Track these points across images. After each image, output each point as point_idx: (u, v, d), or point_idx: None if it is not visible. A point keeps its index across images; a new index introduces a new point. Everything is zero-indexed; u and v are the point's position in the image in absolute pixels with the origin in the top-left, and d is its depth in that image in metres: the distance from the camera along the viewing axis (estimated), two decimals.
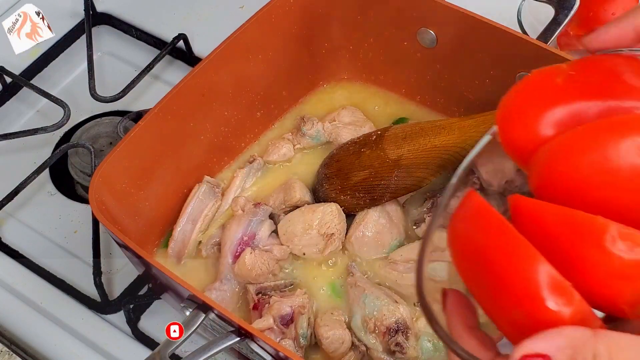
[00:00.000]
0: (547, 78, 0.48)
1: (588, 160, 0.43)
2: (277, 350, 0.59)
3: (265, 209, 0.78)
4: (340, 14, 0.85)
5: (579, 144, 0.44)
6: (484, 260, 0.43)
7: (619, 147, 0.42)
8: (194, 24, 1.01)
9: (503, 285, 0.42)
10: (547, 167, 0.45)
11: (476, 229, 0.45)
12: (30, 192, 0.88)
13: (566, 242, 0.42)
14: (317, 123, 0.84)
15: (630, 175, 0.42)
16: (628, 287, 0.41)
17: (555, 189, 0.44)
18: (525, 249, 0.42)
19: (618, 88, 0.47)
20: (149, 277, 0.73)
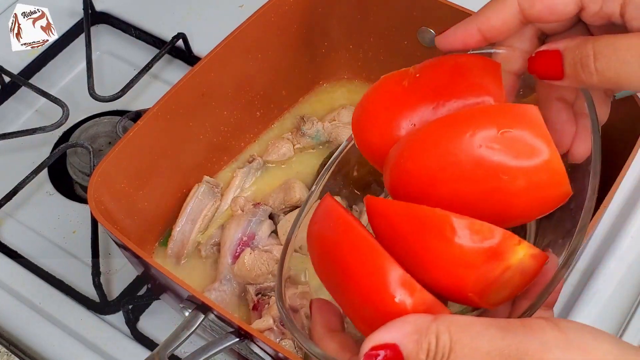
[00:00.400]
0: (395, 82, 0.51)
1: (431, 156, 0.45)
2: (276, 351, 0.59)
3: (265, 209, 0.78)
4: (340, 14, 0.84)
5: (423, 141, 0.46)
6: (336, 260, 0.45)
7: (456, 142, 0.44)
8: (193, 23, 1.01)
9: (353, 284, 0.44)
10: (396, 167, 0.47)
11: (329, 231, 0.47)
12: (28, 192, 0.88)
13: (413, 236, 0.43)
14: (316, 123, 0.84)
15: (472, 167, 0.43)
16: (471, 275, 0.42)
17: (406, 187, 0.46)
18: (370, 247, 0.44)
19: (460, 86, 0.48)
20: (148, 277, 0.73)
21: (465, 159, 0.43)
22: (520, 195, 0.43)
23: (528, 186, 0.43)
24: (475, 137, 0.43)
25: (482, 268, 0.42)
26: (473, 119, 0.44)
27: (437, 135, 0.45)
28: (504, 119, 0.44)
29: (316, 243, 0.48)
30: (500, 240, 0.42)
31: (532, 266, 0.43)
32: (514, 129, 0.43)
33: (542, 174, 0.43)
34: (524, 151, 0.43)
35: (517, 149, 0.43)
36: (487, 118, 0.44)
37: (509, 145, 0.43)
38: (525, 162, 0.43)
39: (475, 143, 0.43)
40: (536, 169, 0.43)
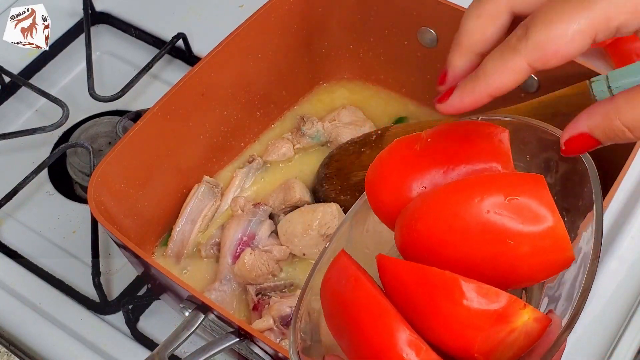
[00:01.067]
0: (407, 146, 0.53)
1: (441, 219, 0.47)
2: (276, 351, 0.59)
3: (265, 209, 0.78)
4: (340, 14, 0.84)
5: (433, 204, 0.47)
6: (348, 318, 0.47)
7: (465, 207, 0.46)
8: (194, 23, 1.01)
9: (364, 342, 0.46)
10: (406, 227, 0.49)
11: (342, 288, 0.49)
12: (28, 192, 0.88)
13: (423, 297, 0.45)
14: (317, 123, 0.84)
15: (479, 231, 0.45)
16: (478, 336, 0.44)
17: (415, 247, 0.48)
18: (382, 308, 0.46)
19: (469, 152, 0.51)
20: (148, 277, 0.73)
21: (473, 223, 0.45)
22: (525, 259, 0.45)
23: (533, 251, 0.45)
24: (483, 203, 0.45)
25: (488, 330, 0.44)
26: (482, 186, 0.46)
27: (447, 199, 0.47)
28: (511, 186, 0.46)
29: (329, 299, 0.50)
30: (506, 303, 0.44)
31: (536, 328, 0.45)
32: (520, 197, 0.45)
33: (547, 240, 0.45)
34: (530, 218, 0.45)
35: (523, 215, 0.45)
36: (495, 185, 0.46)
37: (515, 211, 0.45)
38: (530, 228, 0.45)
39: (483, 208, 0.45)
40: (541, 235, 0.45)
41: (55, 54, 1.01)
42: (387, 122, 0.86)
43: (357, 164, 0.78)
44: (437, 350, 0.44)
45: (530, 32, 0.42)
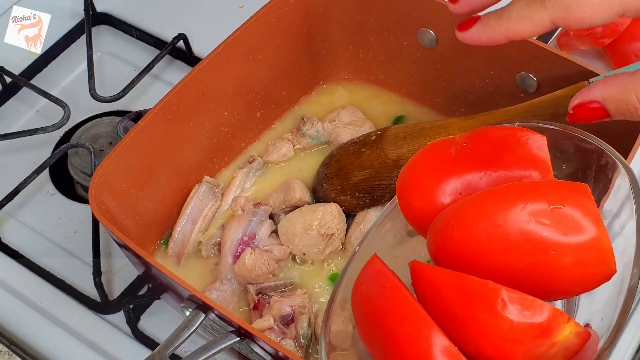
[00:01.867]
0: (441, 150, 0.52)
1: (480, 227, 0.45)
2: (277, 350, 0.59)
3: (265, 209, 0.78)
4: (340, 14, 0.85)
5: (470, 212, 0.46)
6: (380, 324, 0.46)
7: (507, 215, 0.44)
8: (194, 24, 1.01)
9: (397, 349, 0.44)
10: (442, 233, 0.47)
11: (374, 293, 0.47)
12: (30, 192, 0.88)
13: (460, 306, 0.44)
14: (317, 123, 0.84)
15: (520, 240, 0.44)
16: (519, 349, 0.42)
17: (451, 256, 0.47)
18: (417, 315, 0.44)
19: (508, 158, 0.50)
20: (149, 277, 0.73)
21: (513, 232, 0.44)
22: (566, 271, 0.44)
23: (575, 263, 0.44)
24: (525, 211, 0.44)
25: (530, 344, 0.42)
26: (524, 193, 0.45)
27: (487, 206, 0.45)
28: (556, 195, 0.45)
29: (361, 305, 0.49)
30: (549, 317, 0.42)
31: (576, 343, 0.44)
32: (564, 206, 0.44)
33: (590, 252, 0.44)
34: (573, 228, 0.43)
35: (567, 225, 0.43)
36: (539, 193, 0.45)
37: (558, 221, 0.43)
38: (573, 239, 0.43)
39: (525, 217, 0.44)
40: (584, 247, 0.44)
41: (57, 54, 1.01)
42: (386, 122, 0.86)
43: (357, 164, 0.79)
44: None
45: None
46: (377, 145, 0.78)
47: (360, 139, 0.81)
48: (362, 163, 0.78)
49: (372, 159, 0.78)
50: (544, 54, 0.74)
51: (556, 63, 0.73)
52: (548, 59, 0.74)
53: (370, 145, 0.79)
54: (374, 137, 0.79)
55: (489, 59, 0.78)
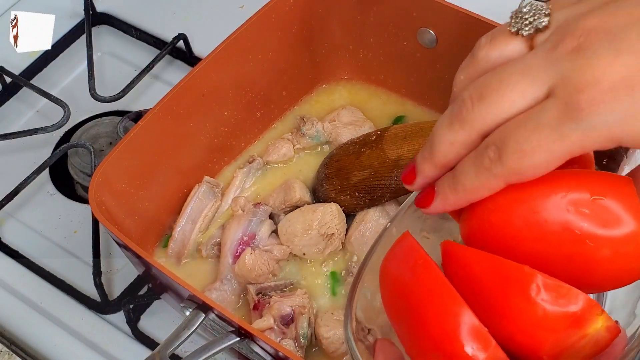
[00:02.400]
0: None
1: (518, 212, 0.44)
2: (277, 350, 0.59)
3: (265, 209, 0.78)
4: (340, 14, 0.85)
5: (510, 197, 0.45)
6: (409, 300, 0.45)
7: (546, 202, 0.43)
8: (194, 24, 1.01)
9: (425, 327, 0.43)
10: (478, 218, 0.46)
11: (405, 269, 0.46)
12: (30, 192, 0.88)
13: (493, 288, 0.43)
14: (316, 123, 0.84)
15: (558, 229, 0.43)
16: (549, 338, 0.42)
17: (486, 239, 0.46)
18: (448, 293, 0.43)
19: None
20: (149, 277, 0.73)
21: (552, 220, 0.43)
22: (603, 263, 0.43)
23: (613, 256, 0.43)
24: (566, 200, 0.43)
25: (561, 333, 0.42)
26: (565, 182, 0.44)
27: (527, 192, 0.44)
28: (598, 186, 0.44)
29: (390, 280, 0.48)
30: (583, 307, 0.41)
31: (606, 338, 0.43)
32: (606, 198, 0.43)
33: (629, 246, 0.43)
34: (614, 221, 0.43)
35: (607, 217, 0.43)
36: (581, 183, 0.44)
37: (599, 212, 0.43)
38: (612, 232, 0.43)
39: (565, 206, 0.43)
40: (624, 240, 0.43)
41: (57, 54, 1.01)
42: (386, 122, 0.86)
43: (357, 164, 0.79)
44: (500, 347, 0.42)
45: (504, 158, 0.42)
46: (377, 145, 0.78)
47: (360, 139, 0.81)
48: (362, 163, 0.78)
49: (372, 159, 0.78)
50: None
51: None
52: None
53: (370, 145, 0.79)
54: (374, 137, 0.79)
55: None
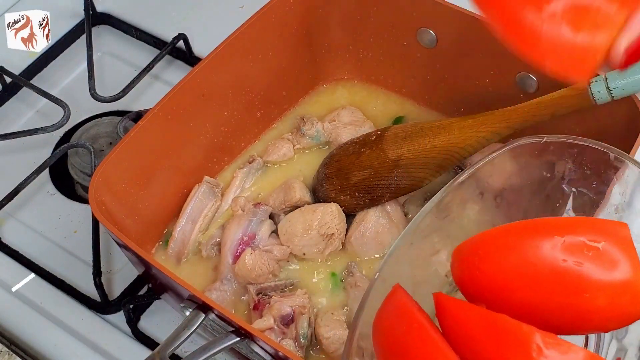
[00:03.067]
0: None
1: (508, 262, 0.44)
2: (277, 350, 0.59)
3: (265, 209, 0.78)
4: (340, 14, 0.85)
5: (500, 244, 0.44)
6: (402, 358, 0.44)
7: (539, 251, 0.43)
8: (194, 24, 1.01)
9: None
10: (468, 265, 0.46)
11: (400, 332, 0.46)
12: (30, 192, 0.88)
13: (492, 348, 0.42)
14: (316, 123, 0.84)
15: (551, 280, 0.42)
16: None
17: (477, 288, 0.45)
18: (443, 353, 0.42)
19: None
20: (149, 277, 0.73)
21: (545, 272, 0.42)
22: (599, 312, 0.43)
23: (609, 304, 0.42)
24: (558, 249, 0.42)
25: None
26: (559, 229, 0.43)
27: (518, 238, 0.44)
28: (591, 233, 0.43)
29: (383, 339, 0.47)
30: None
31: None
32: (601, 245, 0.42)
33: (626, 293, 0.42)
34: (609, 270, 0.42)
35: (602, 266, 0.42)
36: (574, 229, 0.43)
37: (593, 261, 0.42)
38: (609, 279, 0.42)
39: (558, 255, 0.42)
40: (619, 288, 0.42)
41: (57, 54, 1.01)
42: (386, 122, 0.86)
43: (357, 164, 0.79)
44: None
45: None
46: (377, 145, 0.78)
47: (360, 139, 0.81)
48: (362, 163, 0.78)
49: (372, 159, 0.78)
50: None
51: None
52: None
53: (370, 145, 0.79)
54: (374, 137, 0.79)
55: (489, 59, 0.78)
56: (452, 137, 0.74)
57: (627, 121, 0.69)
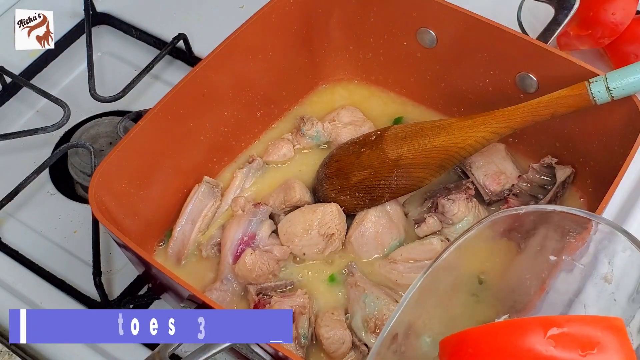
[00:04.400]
0: None
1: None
2: (277, 351, 0.59)
3: (265, 209, 0.78)
4: (340, 14, 0.85)
5: (493, 344, 0.44)
6: None
7: (534, 351, 0.42)
8: (194, 24, 1.01)
9: None
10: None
11: None
12: (30, 192, 0.88)
13: None
14: (316, 123, 0.84)
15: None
16: None
17: None
18: None
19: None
20: (149, 277, 0.73)
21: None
22: None
23: None
24: (554, 350, 0.42)
25: None
26: (531, 325, 0.44)
27: (511, 338, 0.44)
28: (587, 332, 0.43)
29: None
30: None
31: None
32: (594, 349, 0.42)
33: None
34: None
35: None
36: (570, 326, 0.43)
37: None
38: None
39: (556, 354, 0.42)
40: None
41: (57, 54, 1.01)
42: (386, 122, 0.86)
43: (357, 164, 0.79)
44: None
45: None
46: (377, 145, 0.78)
47: (360, 139, 0.81)
48: (362, 163, 0.78)
49: (372, 159, 0.78)
50: (544, 54, 0.74)
51: (556, 63, 0.73)
52: (548, 59, 0.74)
53: (370, 145, 0.79)
54: (374, 137, 0.79)
55: (489, 59, 0.78)
56: (452, 137, 0.74)
57: (627, 121, 0.69)
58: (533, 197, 0.78)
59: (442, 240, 0.75)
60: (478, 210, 0.77)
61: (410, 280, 0.74)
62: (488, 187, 0.78)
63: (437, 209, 0.77)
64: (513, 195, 0.78)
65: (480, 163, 0.79)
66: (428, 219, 0.76)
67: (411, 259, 0.75)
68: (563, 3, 0.79)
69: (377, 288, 0.73)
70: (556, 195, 0.76)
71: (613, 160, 0.69)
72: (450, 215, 0.76)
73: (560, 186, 0.77)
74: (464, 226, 0.76)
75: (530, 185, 0.79)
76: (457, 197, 0.76)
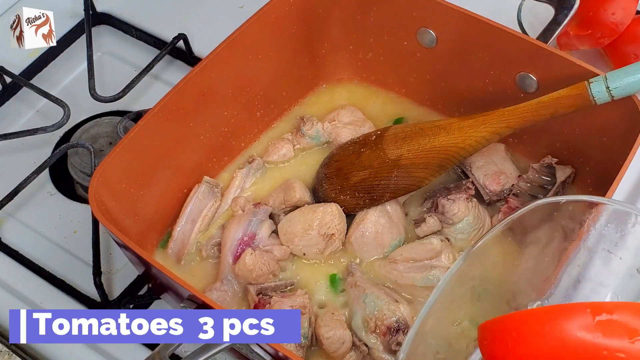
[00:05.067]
0: None
1: (547, 348, 0.43)
2: (277, 351, 0.59)
3: (265, 209, 0.78)
4: (340, 14, 0.85)
5: (537, 328, 0.44)
6: None
7: (579, 336, 0.42)
8: (194, 24, 1.01)
9: None
10: (501, 348, 0.45)
11: None
12: (30, 192, 0.88)
13: None
14: (316, 123, 0.84)
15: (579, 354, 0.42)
16: None
17: None
18: None
19: None
20: (149, 277, 0.73)
21: (583, 349, 0.42)
22: None
23: None
24: (601, 336, 0.42)
25: None
26: (597, 308, 0.43)
27: (556, 322, 0.43)
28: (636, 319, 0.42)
29: None
30: None
31: None
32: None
33: None
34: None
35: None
36: (610, 309, 0.43)
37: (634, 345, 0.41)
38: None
39: (600, 341, 0.42)
40: None
41: (57, 54, 1.01)
42: (386, 122, 0.86)
43: (357, 164, 0.79)
44: None
45: None
46: (377, 145, 0.78)
47: (360, 139, 0.81)
48: (362, 163, 0.78)
49: (372, 159, 0.78)
50: (544, 54, 0.74)
51: (556, 63, 0.73)
52: (548, 59, 0.74)
53: (370, 145, 0.79)
54: (374, 137, 0.79)
55: (489, 59, 0.78)
56: (452, 137, 0.74)
57: (627, 121, 0.69)
58: (533, 197, 0.78)
59: (442, 240, 0.75)
60: (478, 210, 0.77)
61: (410, 280, 0.74)
62: (488, 187, 0.78)
63: (437, 209, 0.77)
64: (513, 195, 0.78)
65: (480, 163, 0.79)
66: (428, 219, 0.76)
67: (411, 258, 0.75)
68: (563, 3, 0.79)
69: (377, 288, 0.73)
70: (556, 195, 0.76)
71: (613, 160, 0.69)
72: (450, 215, 0.76)
73: (561, 186, 0.77)
74: (464, 226, 0.76)
75: (530, 185, 0.79)
76: (457, 197, 0.76)
